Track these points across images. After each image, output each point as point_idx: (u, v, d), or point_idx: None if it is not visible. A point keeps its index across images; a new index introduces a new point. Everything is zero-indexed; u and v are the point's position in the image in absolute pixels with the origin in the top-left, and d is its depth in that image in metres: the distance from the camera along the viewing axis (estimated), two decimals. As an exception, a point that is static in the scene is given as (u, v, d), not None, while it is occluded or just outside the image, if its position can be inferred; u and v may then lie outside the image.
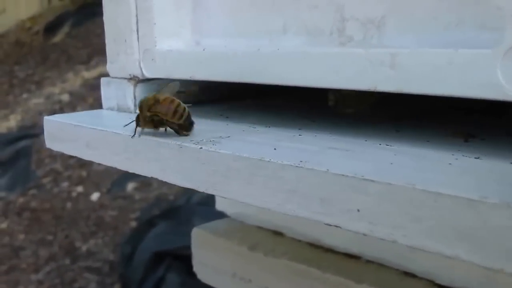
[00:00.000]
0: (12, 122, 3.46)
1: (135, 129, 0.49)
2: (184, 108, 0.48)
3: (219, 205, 0.73)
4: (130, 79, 0.61)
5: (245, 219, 0.70)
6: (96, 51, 3.85)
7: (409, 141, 0.45)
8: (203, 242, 0.68)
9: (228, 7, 0.57)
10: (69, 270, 2.16)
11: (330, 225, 0.37)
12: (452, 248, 0.32)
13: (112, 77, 0.63)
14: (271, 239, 0.65)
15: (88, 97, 3.50)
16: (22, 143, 3.15)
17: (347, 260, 0.60)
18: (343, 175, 0.35)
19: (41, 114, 3.43)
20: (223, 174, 0.42)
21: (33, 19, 4.95)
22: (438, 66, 0.39)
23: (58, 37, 4.40)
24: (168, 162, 0.46)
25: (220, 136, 0.47)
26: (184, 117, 0.48)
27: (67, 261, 2.22)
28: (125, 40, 0.60)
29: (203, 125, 0.53)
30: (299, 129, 0.50)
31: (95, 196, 2.63)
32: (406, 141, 0.45)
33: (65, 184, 2.78)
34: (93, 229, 2.39)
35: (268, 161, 0.39)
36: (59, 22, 4.61)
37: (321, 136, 0.47)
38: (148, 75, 0.59)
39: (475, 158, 0.40)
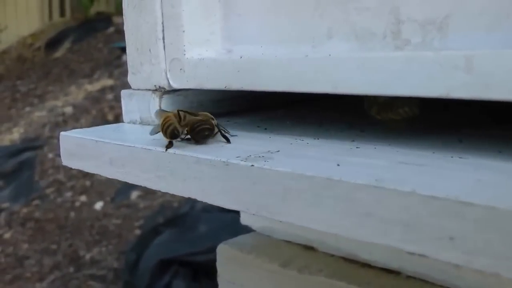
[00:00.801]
0: (15, 135, 3.43)
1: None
2: (169, 125, 0.45)
3: (244, 219, 0.67)
4: (155, 90, 0.56)
5: (273, 233, 0.65)
6: (98, 65, 3.84)
7: (479, 152, 0.40)
8: (229, 258, 0.63)
9: (263, 11, 0.52)
10: (74, 279, 2.13)
11: (414, 254, 0.32)
12: None
13: (134, 89, 0.58)
14: (304, 255, 0.60)
15: (92, 109, 3.50)
16: (25, 155, 3.13)
17: (387, 276, 0.55)
18: (433, 196, 0.30)
19: (44, 126, 3.41)
20: (280, 195, 0.37)
21: (34, 35, 4.95)
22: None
23: (59, 52, 4.38)
24: (211, 181, 0.41)
25: (269, 151, 0.42)
26: (168, 133, 0.45)
27: (71, 270, 2.19)
28: (150, 50, 0.55)
29: (243, 138, 0.48)
30: (352, 140, 0.45)
31: (98, 205, 2.61)
32: (477, 153, 0.40)
33: (68, 194, 2.76)
34: (97, 237, 2.37)
35: (338, 180, 0.34)
36: (61, 38, 4.61)
37: (382, 149, 0.42)
38: (175, 86, 0.54)
39: None
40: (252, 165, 0.38)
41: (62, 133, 0.54)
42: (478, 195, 0.30)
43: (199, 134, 0.46)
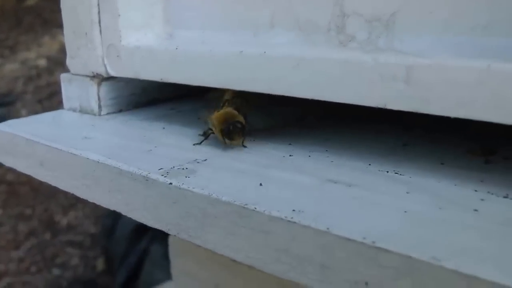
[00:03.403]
0: (-16, 90, 3.25)
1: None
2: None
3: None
4: (93, 77, 0.52)
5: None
6: (73, 14, 3.63)
7: (420, 163, 0.38)
8: (182, 250, 0.61)
9: (207, -6, 0.48)
10: (50, 245, 2.08)
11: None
12: None
13: (73, 74, 0.54)
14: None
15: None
16: (-3, 112, 2.97)
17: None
18: (348, 238, 0.28)
19: (16, 80, 3.23)
20: (199, 218, 0.34)
21: (3, -21, 4.65)
22: (465, 84, 0.31)
23: (32, 0, 4.16)
24: (133, 195, 0.38)
25: (195, 160, 0.39)
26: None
27: (48, 236, 2.13)
28: (86, 33, 0.51)
29: (178, 137, 0.45)
30: (290, 144, 0.42)
31: (73, 167, 2.54)
32: (417, 164, 0.38)
33: (42, 155, 2.67)
34: (73, 201, 2.29)
35: (253, 210, 0.31)
36: (33, -17, 4.35)
37: (316, 157, 0.39)
38: (113, 73, 0.50)
39: (504, 197, 0.33)
40: (171, 183, 0.35)
41: (-4, 126, 0.51)
42: (397, 235, 0.28)
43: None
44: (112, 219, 1.77)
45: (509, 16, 0.33)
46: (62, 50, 3.34)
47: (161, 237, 1.62)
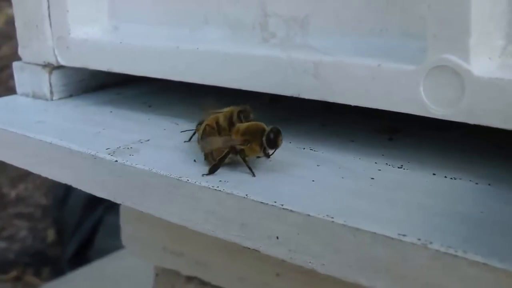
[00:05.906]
0: None
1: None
2: None
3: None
4: (44, 66, 0.57)
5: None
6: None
7: (333, 140, 0.45)
8: (131, 215, 0.67)
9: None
10: None
11: (250, 248, 0.36)
12: (370, 280, 0.31)
13: (25, 63, 0.59)
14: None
15: (14, 36, 3.21)
16: None
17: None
18: (262, 202, 0.34)
19: None
20: (141, 189, 0.40)
21: None
22: (361, 79, 0.38)
23: None
24: (83, 171, 0.44)
25: (139, 141, 0.45)
26: None
27: None
28: (37, 26, 0.56)
29: (122, 121, 0.51)
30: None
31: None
32: (331, 141, 0.45)
33: (-11, 127, 2.61)
34: (23, 172, 2.24)
35: (186, 181, 0.38)
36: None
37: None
38: (63, 63, 0.56)
39: (399, 167, 0.39)
40: (116, 161, 0.41)
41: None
42: (302, 199, 0.34)
43: None
44: (64, 190, 1.76)
45: (400, 22, 0.40)
46: (9, 22, 3.20)
47: (117, 207, 1.63)
